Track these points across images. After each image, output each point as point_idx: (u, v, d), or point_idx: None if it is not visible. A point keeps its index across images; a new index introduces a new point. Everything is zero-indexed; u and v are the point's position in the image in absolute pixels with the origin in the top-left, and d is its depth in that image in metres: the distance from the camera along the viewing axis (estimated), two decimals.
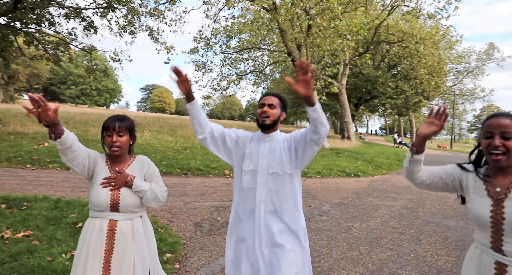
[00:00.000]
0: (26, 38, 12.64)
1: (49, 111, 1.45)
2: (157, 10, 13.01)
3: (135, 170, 1.78)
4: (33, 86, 48.86)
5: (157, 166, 6.34)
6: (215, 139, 1.95)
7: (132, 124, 1.78)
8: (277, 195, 1.88)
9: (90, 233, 1.68)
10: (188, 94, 1.83)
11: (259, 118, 1.92)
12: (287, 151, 1.90)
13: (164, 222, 4.31)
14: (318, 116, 1.65)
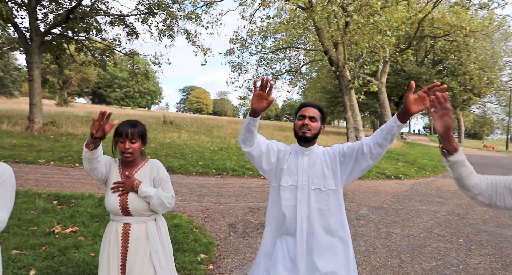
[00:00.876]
0: (76, 46, 13.60)
1: (107, 126, 1.56)
2: (194, 13, 13.37)
3: (145, 174, 1.79)
4: (84, 90, 52.59)
5: (193, 166, 6.46)
6: (261, 154, 1.81)
7: (144, 130, 1.80)
8: (321, 213, 1.74)
9: (109, 237, 1.75)
10: (257, 111, 1.65)
11: (299, 130, 1.79)
12: (330, 166, 1.77)
13: (199, 222, 4.38)
14: (398, 132, 1.56)
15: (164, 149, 9.86)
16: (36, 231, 3.52)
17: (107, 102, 52.00)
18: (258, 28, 19.69)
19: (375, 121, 40.07)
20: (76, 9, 11.72)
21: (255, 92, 1.59)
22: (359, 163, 1.68)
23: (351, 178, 1.76)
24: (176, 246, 3.42)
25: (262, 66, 23.00)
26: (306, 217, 1.74)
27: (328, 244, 1.73)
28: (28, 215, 3.93)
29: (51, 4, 12.74)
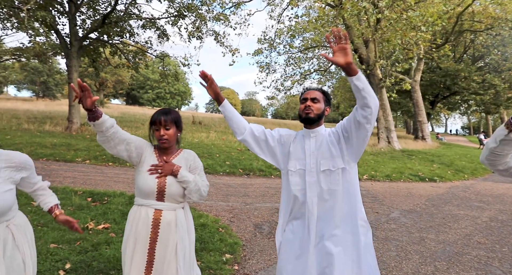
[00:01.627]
0: (111, 49, 14.22)
1: (88, 99, 1.56)
2: (222, 14, 13.52)
3: (181, 162, 1.82)
4: (118, 91, 54.94)
5: (220, 166, 6.51)
6: (257, 139, 1.88)
7: (178, 117, 1.82)
8: (331, 194, 1.72)
9: (137, 221, 1.75)
10: (217, 96, 1.83)
11: (302, 113, 1.82)
12: (336, 144, 1.76)
13: (225, 222, 4.40)
14: (364, 85, 1.50)
15: (193, 149, 10.03)
16: None
17: (140, 103, 53.96)
18: (286, 28, 19.58)
19: (408, 121, 38.47)
20: (111, 14, 12.25)
21: (206, 88, 1.83)
22: (359, 131, 1.63)
23: (358, 151, 1.72)
24: (201, 245, 3.46)
25: (290, 66, 22.85)
26: (316, 200, 1.73)
27: (340, 227, 1.70)
28: (65, 211, 4.13)
29: (89, 11, 13.42)
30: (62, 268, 2.80)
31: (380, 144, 15.23)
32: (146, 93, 54.11)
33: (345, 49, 1.46)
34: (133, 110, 29.11)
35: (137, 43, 14.45)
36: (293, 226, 1.82)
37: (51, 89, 48.18)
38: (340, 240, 1.70)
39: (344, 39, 1.46)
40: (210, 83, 1.81)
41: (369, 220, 4.91)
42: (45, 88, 47.95)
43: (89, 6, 13.10)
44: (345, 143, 1.74)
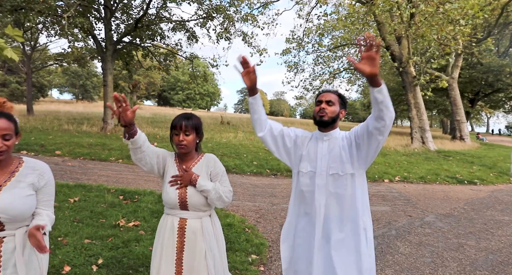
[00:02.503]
0: (143, 52, 14.74)
1: (128, 112, 1.51)
2: (250, 15, 13.56)
3: (202, 168, 1.78)
4: (150, 93, 56.91)
5: (247, 166, 6.50)
6: (275, 138, 1.87)
7: (199, 123, 1.78)
8: (338, 198, 1.74)
9: (164, 230, 1.75)
10: (252, 87, 1.75)
11: (316, 115, 1.81)
12: (347, 149, 1.76)
13: (251, 222, 4.38)
14: (383, 99, 1.47)
15: (221, 149, 10.15)
16: (105, 223, 3.84)
17: (171, 104, 55.49)
18: (315, 26, 19.27)
19: (445, 121, 36.54)
20: (143, 18, 12.69)
21: (242, 73, 1.72)
22: (371, 140, 1.63)
23: (368, 159, 1.72)
24: (228, 245, 3.46)
25: (319, 65, 22.50)
26: (324, 202, 1.75)
27: (342, 235, 1.73)
28: (98, 208, 4.31)
29: (123, 15, 13.99)
30: (95, 263, 2.91)
31: (414, 144, 14.58)
32: (177, 94, 55.55)
33: (374, 59, 1.42)
34: (164, 111, 30.04)
35: (167, 45, 14.86)
36: (301, 225, 1.85)
37: (89, 91, 50.85)
38: (344, 243, 1.73)
39: (376, 48, 1.41)
40: (247, 71, 1.70)
41: (401, 224, 4.71)
42: (83, 91, 50.68)
43: (123, 11, 13.65)
44: (356, 149, 1.74)
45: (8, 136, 1.38)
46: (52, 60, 22.56)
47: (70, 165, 7.16)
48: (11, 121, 1.42)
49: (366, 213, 1.78)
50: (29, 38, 20.13)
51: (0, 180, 1.42)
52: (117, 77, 20.63)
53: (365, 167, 1.76)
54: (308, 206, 1.80)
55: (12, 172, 1.45)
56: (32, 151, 8.20)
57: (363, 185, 1.78)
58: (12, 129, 1.40)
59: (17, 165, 1.48)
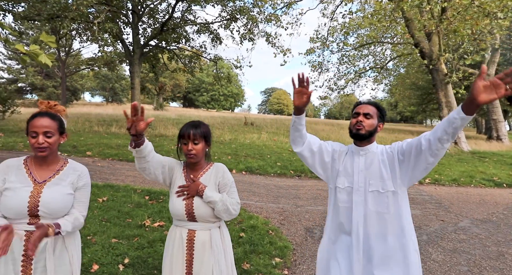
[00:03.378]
0: (169, 55, 15.06)
1: (142, 123, 1.49)
2: (274, 15, 13.51)
3: (210, 178, 1.74)
4: (176, 95, 58.19)
5: (271, 167, 6.43)
6: (314, 154, 1.79)
7: (207, 131, 1.74)
8: (379, 217, 1.65)
9: (173, 242, 1.71)
10: (300, 108, 1.68)
11: (353, 128, 1.72)
12: (388, 165, 1.66)
13: (275, 224, 4.33)
14: (461, 127, 1.36)
15: (244, 150, 10.16)
16: (131, 223, 3.92)
17: (196, 105, 56.42)
18: (340, 25, 18.90)
19: (479, 120, 34.70)
20: (169, 22, 12.97)
21: (295, 89, 1.64)
22: (419, 161, 1.53)
23: (413, 179, 1.62)
24: (251, 247, 3.43)
25: (344, 64, 22.04)
26: (362, 220, 1.67)
27: (387, 251, 1.63)
28: (125, 208, 4.42)
29: (150, 19, 14.38)
30: (122, 262, 2.97)
31: None
32: (201, 95, 56.41)
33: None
34: (189, 113, 30.58)
35: (192, 48, 15.11)
36: (337, 244, 1.77)
37: (118, 94, 52.75)
38: (388, 265, 1.63)
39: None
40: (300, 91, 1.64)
41: (433, 229, 4.48)
42: (113, 93, 52.64)
43: (150, 15, 14.03)
44: (399, 166, 1.64)
45: (49, 133, 1.47)
46: (84, 64, 23.63)
47: (100, 165, 7.42)
48: (55, 120, 1.51)
49: (412, 234, 1.69)
50: (63, 45, 21.17)
51: (45, 176, 1.53)
52: (144, 80, 21.26)
53: (408, 185, 1.66)
54: (346, 224, 1.72)
55: (57, 170, 1.56)
56: (65, 151, 8.57)
57: (406, 202, 1.69)
58: (55, 128, 1.49)
59: (62, 165, 1.59)
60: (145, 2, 12.93)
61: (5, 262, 1.43)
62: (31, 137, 1.47)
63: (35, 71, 32.96)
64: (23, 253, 1.44)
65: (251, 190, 6.15)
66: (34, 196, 1.46)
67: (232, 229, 3.91)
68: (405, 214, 1.65)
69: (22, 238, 1.44)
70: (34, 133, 1.45)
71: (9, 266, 1.43)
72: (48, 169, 1.55)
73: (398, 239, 1.64)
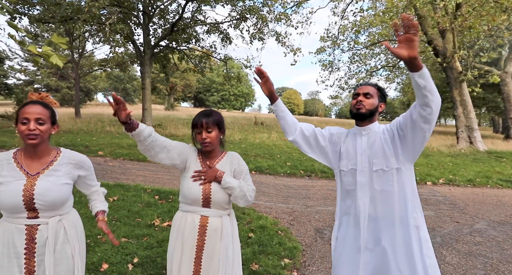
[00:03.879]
0: (179, 55, 15.15)
1: (122, 112, 1.53)
2: (284, 14, 13.44)
3: (225, 166, 1.76)
4: (187, 95, 58.63)
5: (281, 166, 6.39)
6: (307, 139, 1.82)
7: (220, 118, 1.76)
8: (385, 196, 1.63)
9: (183, 228, 1.71)
10: (271, 94, 1.80)
11: (353, 108, 1.73)
12: (390, 142, 1.65)
13: (284, 225, 4.28)
14: (426, 83, 1.37)
15: (254, 149, 10.14)
16: (141, 222, 3.93)
17: (206, 105, 56.70)
18: (351, 23, 18.68)
19: (496, 119, 33.78)
20: (179, 22, 13.04)
21: (261, 84, 1.80)
22: (415, 131, 1.52)
23: (415, 152, 1.61)
24: (260, 248, 3.39)
25: (355, 63, 21.78)
26: (368, 201, 1.65)
27: (394, 232, 1.62)
28: (135, 207, 4.44)
29: (160, 20, 14.50)
30: (131, 262, 2.98)
31: (460, 144, 13.59)
32: (212, 95, 56.68)
33: (412, 40, 1.32)
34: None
35: (202, 48, 15.17)
36: (346, 225, 1.78)
37: (130, 94, 53.47)
38: (393, 242, 1.62)
39: (414, 30, 1.31)
40: (265, 81, 1.78)
41: (447, 231, 4.35)
42: (125, 94, 53.37)
43: (161, 16, 14.15)
44: (400, 141, 1.63)
45: (41, 120, 1.45)
46: (97, 65, 24.00)
47: (111, 165, 7.51)
48: (47, 109, 1.50)
49: (417, 209, 1.66)
50: (77, 46, 21.56)
51: (38, 168, 1.50)
52: (155, 80, 21.50)
53: (412, 160, 1.64)
54: (352, 206, 1.72)
55: (51, 161, 1.54)
56: (78, 151, 8.70)
57: (411, 180, 1.66)
58: (47, 115, 1.48)
59: (56, 155, 1.57)
60: (155, 3, 13.04)
61: (8, 256, 1.43)
62: (21, 124, 1.42)
63: (49, 73, 33.68)
64: (25, 247, 1.43)
65: (260, 190, 6.12)
66: (27, 189, 1.43)
67: (241, 229, 3.88)
68: (408, 191, 1.63)
69: (23, 232, 1.44)
70: (25, 120, 1.42)
71: (12, 260, 1.43)
72: (40, 162, 1.52)
73: (403, 220, 1.62)
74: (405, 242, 1.60)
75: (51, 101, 1.61)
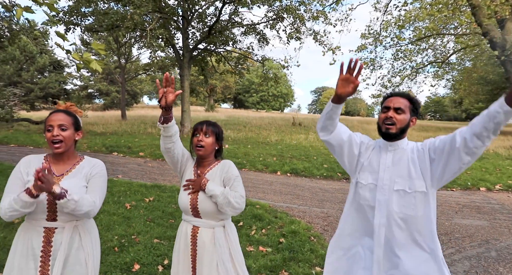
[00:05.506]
0: (217, 57, 15.41)
1: (171, 94, 1.55)
2: (321, 12, 13.09)
3: (216, 174, 1.76)
4: (227, 96, 59.75)
5: (317, 169, 6.16)
6: (343, 143, 1.65)
7: (220, 130, 1.81)
8: (404, 219, 1.51)
9: (179, 237, 1.77)
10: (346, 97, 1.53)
11: (382, 125, 1.59)
12: (418, 164, 1.53)
13: (318, 230, 4.10)
14: (504, 122, 1.24)
15: (290, 151, 9.96)
16: (173, 223, 3.98)
17: (245, 106, 57.31)
18: (394, 18, 17.74)
19: None
20: (216, 25, 13.26)
21: (341, 76, 1.46)
22: (452, 159, 1.39)
23: (445, 179, 1.48)
24: (290, 254, 3.26)
25: (399, 60, 20.66)
26: (385, 221, 1.54)
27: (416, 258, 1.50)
28: (169, 209, 4.52)
29: (199, 24, 14.86)
30: (161, 263, 3.00)
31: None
32: (251, 97, 57.14)
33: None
34: (238, 114, 31.16)
35: (240, 49, 15.29)
36: (356, 242, 1.66)
37: None
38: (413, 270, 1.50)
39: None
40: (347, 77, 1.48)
41: (504, 244, 3.88)
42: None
43: (199, 19, 14.49)
44: (430, 165, 1.51)
45: (64, 126, 1.53)
46: (141, 70, 25.29)
47: (150, 166, 7.79)
48: (70, 116, 1.59)
49: (436, 238, 1.55)
50: (123, 52, 22.87)
51: (63, 170, 1.59)
52: (195, 83, 22.13)
53: (438, 187, 1.52)
54: (366, 223, 1.61)
55: (74, 165, 1.63)
56: (121, 152, 9.17)
57: (432, 205, 1.54)
58: (69, 122, 1.56)
59: (79, 160, 1.66)
60: (193, 7, 13.37)
61: (27, 257, 1.49)
62: (47, 132, 1.53)
63: (101, 78, 36.15)
64: (42, 249, 1.49)
65: (295, 192, 5.96)
66: None
67: (272, 233, 3.78)
68: (433, 218, 1.52)
69: (41, 234, 1.49)
70: (49, 127, 1.52)
71: (29, 262, 1.49)
72: (66, 164, 1.62)
73: (428, 246, 1.50)
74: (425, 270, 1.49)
75: (75, 110, 1.69)
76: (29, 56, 31.52)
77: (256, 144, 11.66)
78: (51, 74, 33.13)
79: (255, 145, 11.50)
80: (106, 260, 2.99)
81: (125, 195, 5.05)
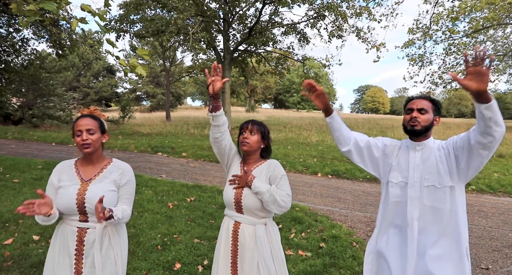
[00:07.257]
0: (257, 58, 15.50)
1: (218, 81, 1.65)
2: (365, 8, 12.60)
3: (262, 172, 1.79)
4: (267, 97, 59.92)
5: (360, 171, 6.03)
6: (361, 149, 1.80)
7: (266, 129, 1.84)
8: (435, 212, 1.63)
9: (222, 231, 1.81)
10: (326, 108, 1.75)
11: (407, 124, 1.71)
12: (445, 161, 1.64)
13: (360, 235, 3.92)
14: (492, 115, 1.32)
15: (331, 152, 9.70)
16: (213, 224, 4.04)
17: (286, 106, 57.03)
18: (447, 10, 16.51)
19: None
20: (256, 26, 13.34)
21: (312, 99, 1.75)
22: (472, 155, 1.51)
23: (470, 173, 1.59)
24: (331, 260, 3.15)
25: (452, 55, 19.20)
26: (418, 215, 1.65)
27: (442, 248, 1.62)
28: (210, 209, 4.61)
29: (239, 26, 15.06)
30: (201, 263, 3.05)
31: None
32: (292, 97, 56.71)
33: (483, 74, 1.27)
34: (279, 114, 31.05)
35: (280, 49, 15.24)
36: (389, 238, 1.76)
37: None
38: (442, 260, 1.60)
39: (486, 63, 1.29)
40: (316, 95, 1.72)
41: None
42: (207, 98, 57.29)
43: (240, 21, 14.69)
44: (455, 161, 1.62)
45: (92, 131, 1.60)
46: (185, 72, 26.26)
47: (192, 166, 8.02)
48: (96, 120, 1.66)
49: (467, 231, 1.66)
50: (168, 56, 23.91)
51: (91, 174, 1.66)
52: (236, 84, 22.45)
53: (465, 181, 1.64)
54: (399, 219, 1.72)
55: (101, 169, 1.68)
56: (165, 152, 9.56)
57: (463, 198, 1.66)
58: (96, 126, 1.63)
59: (107, 163, 1.71)
60: (234, 9, 13.57)
61: (63, 255, 1.59)
62: (76, 136, 1.60)
63: (148, 81, 38.15)
64: (75, 248, 1.57)
65: (336, 195, 5.78)
66: (80, 193, 1.57)
67: (312, 238, 3.69)
68: (461, 211, 1.63)
69: (75, 234, 1.58)
70: (79, 132, 1.60)
71: (65, 260, 1.58)
72: (94, 168, 1.67)
73: (453, 236, 1.62)
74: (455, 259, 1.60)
75: (99, 114, 1.77)
76: (86, 62, 34.26)
77: (296, 145, 11.52)
78: (104, 79, 35.70)
79: (295, 145, 11.37)
80: (149, 257, 3.10)
81: (168, 195, 5.24)
